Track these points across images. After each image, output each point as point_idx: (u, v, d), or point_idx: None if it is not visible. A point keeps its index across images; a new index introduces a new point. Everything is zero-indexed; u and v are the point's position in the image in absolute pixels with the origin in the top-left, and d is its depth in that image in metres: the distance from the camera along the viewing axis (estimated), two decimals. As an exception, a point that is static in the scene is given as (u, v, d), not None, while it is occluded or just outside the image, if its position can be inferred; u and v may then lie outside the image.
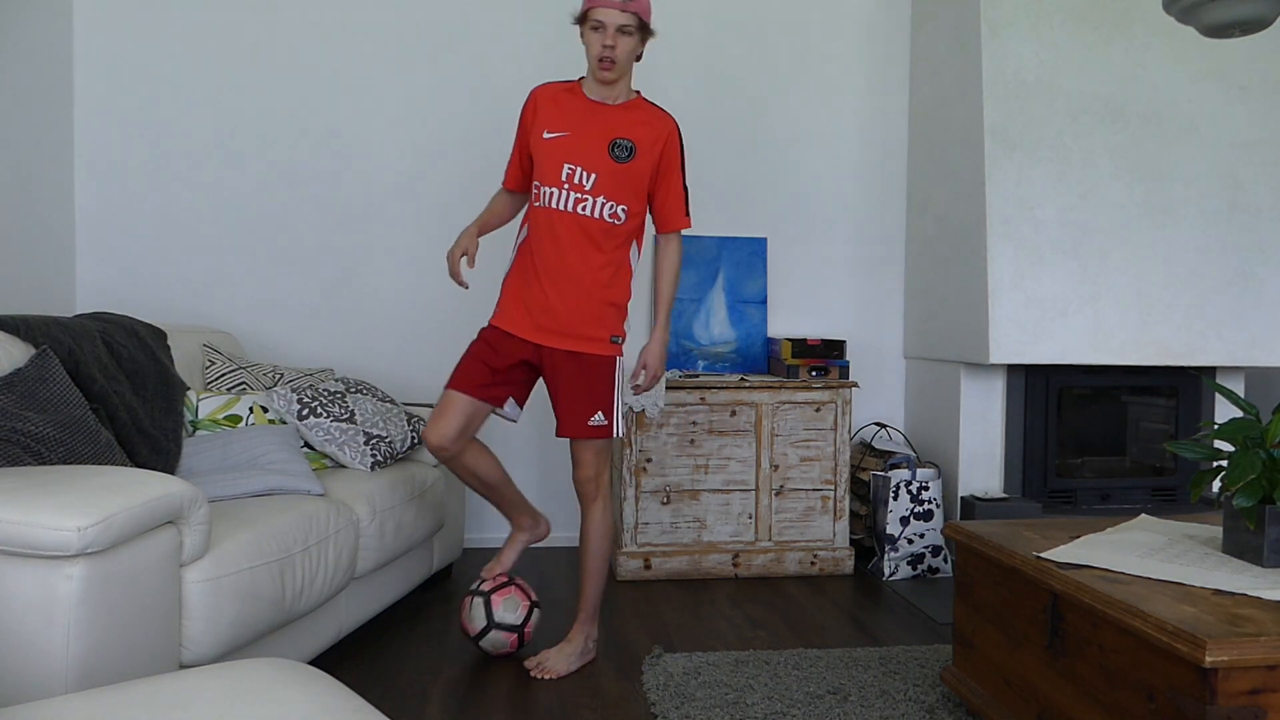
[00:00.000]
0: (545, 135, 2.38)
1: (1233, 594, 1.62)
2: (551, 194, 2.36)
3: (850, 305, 3.98)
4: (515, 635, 2.50)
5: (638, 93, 2.50)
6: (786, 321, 3.94)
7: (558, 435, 2.44)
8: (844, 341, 3.52)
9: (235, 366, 2.99)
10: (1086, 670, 1.70)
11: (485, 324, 2.50)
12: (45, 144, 3.41)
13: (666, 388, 3.31)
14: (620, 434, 2.49)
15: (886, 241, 4.00)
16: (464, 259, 2.48)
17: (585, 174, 2.34)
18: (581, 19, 2.39)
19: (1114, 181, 3.40)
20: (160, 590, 1.71)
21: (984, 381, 3.55)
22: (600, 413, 2.41)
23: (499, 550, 2.66)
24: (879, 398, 4.01)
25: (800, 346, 3.49)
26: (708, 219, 3.88)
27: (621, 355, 2.47)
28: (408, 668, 2.45)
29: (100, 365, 2.28)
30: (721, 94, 3.87)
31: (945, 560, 3.38)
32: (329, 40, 3.67)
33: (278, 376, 3.06)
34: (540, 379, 2.51)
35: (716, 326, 3.79)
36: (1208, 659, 1.37)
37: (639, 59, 2.45)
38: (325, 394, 2.84)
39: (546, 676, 2.39)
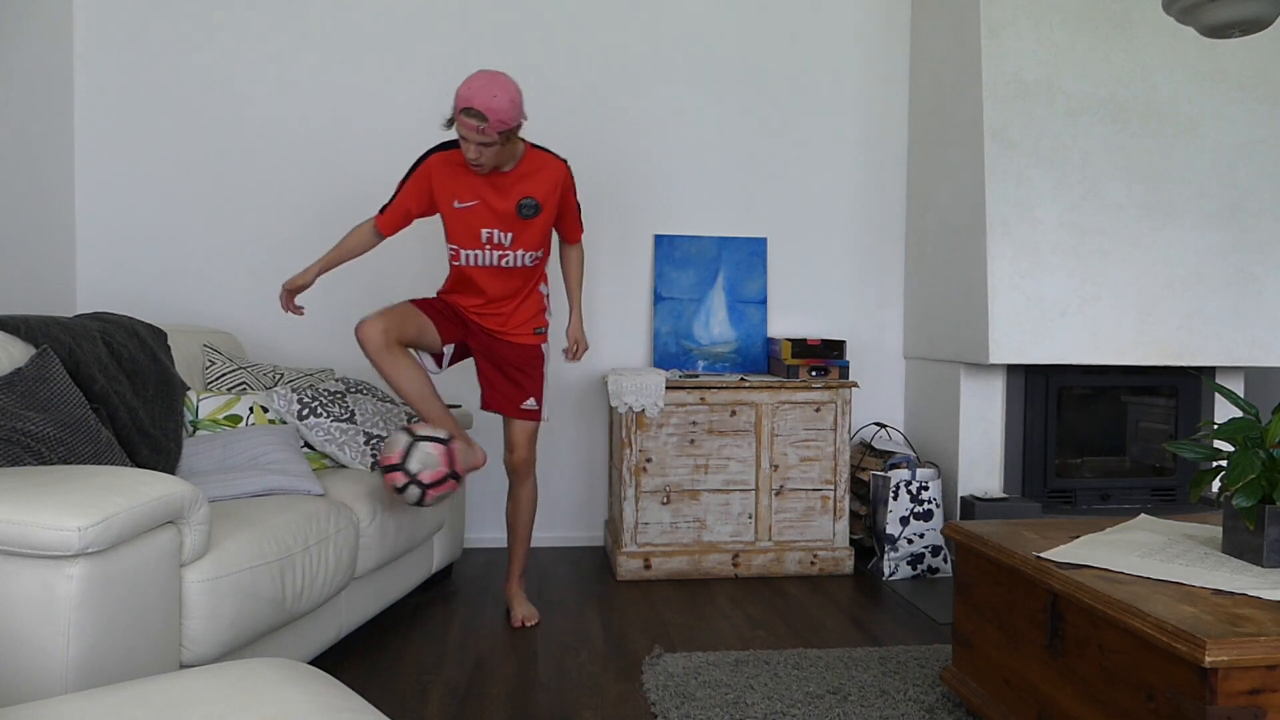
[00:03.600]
0: (457, 205, 2.60)
1: (1233, 594, 1.62)
2: (473, 255, 2.65)
3: (850, 305, 3.98)
4: (444, 447, 2.45)
5: (525, 144, 2.62)
6: (786, 321, 3.94)
7: (483, 408, 2.78)
8: (844, 341, 3.52)
9: (235, 366, 2.99)
10: (1086, 670, 1.70)
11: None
12: (45, 144, 3.42)
13: (666, 387, 3.31)
14: (547, 418, 2.84)
15: (886, 242, 4.00)
16: (296, 297, 2.74)
17: (502, 234, 2.63)
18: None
19: (1114, 181, 3.40)
20: (160, 590, 1.71)
21: (984, 381, 3.55)
22: (532, 398, 2.76)
23: None
24: (879, 398, 4.01)
25: (800, 346, 3.49)
26: (708, 219, 3.89)
27: (546, 342, 2.82)
28: (408, 668, 2.45)
29: (100, 365, 2.28)
30: (722, 94, 3.87)
31: (945, 560, 3.39)
32: (330, 40, 3.67)
33: (278, 376, 3.06)
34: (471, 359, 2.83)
35: (716, 326, 3.79)
36: (1207, 659, 1.37)
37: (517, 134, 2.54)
38: (325, 394, 2.84)
39: (532, 622, 2.79)
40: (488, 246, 2.63)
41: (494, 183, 2.59)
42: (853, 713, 2.14)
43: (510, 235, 2.62)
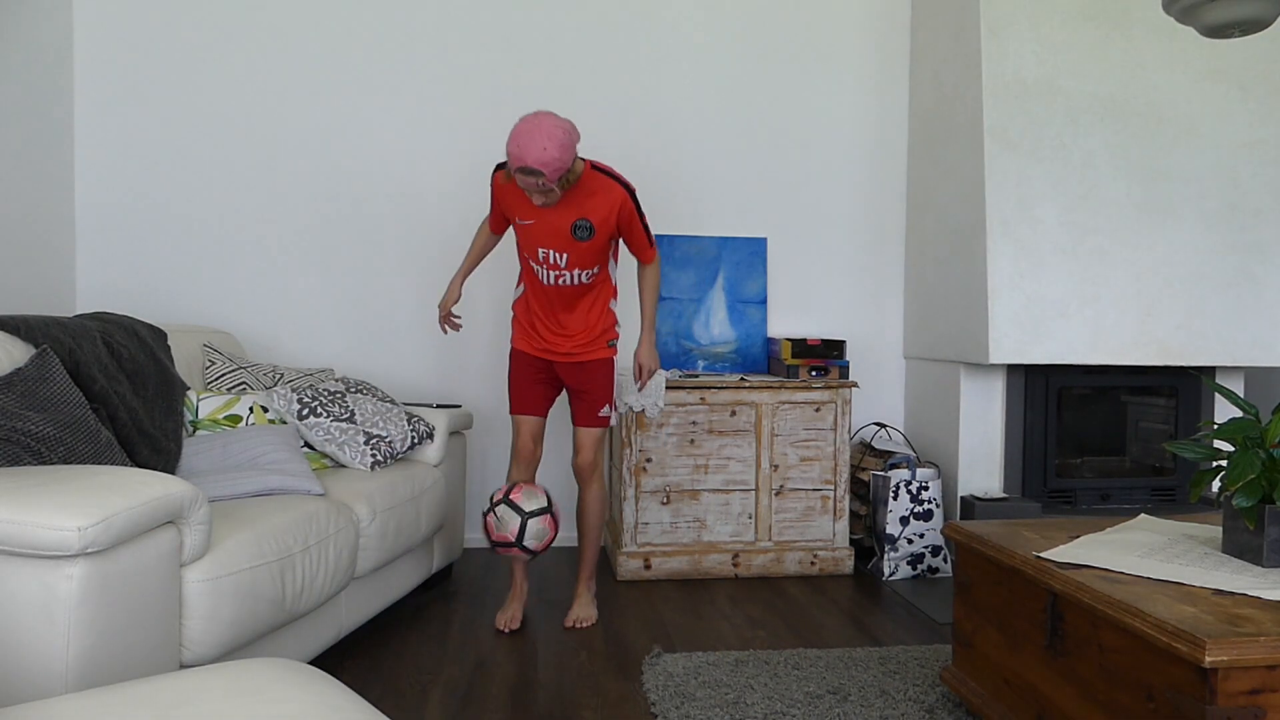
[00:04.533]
0: (519, 221, 2.69)
1: (1233, 594, 1.62)
2: (535, 268, 2.74)
3: (850, 305, 3.98)
4: (549, 515, 2.68)
5: (586, 163, 2.64)
6: (786, 321, 3.94)
7: (575, 425, 2.85)
8: (844, 341, 3.52)
9: (235, 366, 2.99)
10: (1086, 670, 1.70)
11: (500, 342, 2.96)
12: (45, 144, 3.41)
13: (666, 387, 3.31)
14: (614, 423, 2.96)
15: (886, 241, 4.00)
16: (452, 314, 2.92)
17: (557, 254, 2.67)
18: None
19: (1114, 181, 3.40)
20: (160, 590, 1.71)
21: (984, 381, 3.55)
22: (606, 405, 2.85)
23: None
24: (879, 398, 4.01)
25: (800, 346, 3.49)
26: (708, 219, 3.89)
27: (616, 355, 2.87)
28: (408, 668, 2.45)
29: (100, 365, 2.28)
30: (722, 94, 3.87)
31: (945, 560, 3.38)
32: (332, 40, 3.67)
33: (278, 376, 3.06)
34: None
35: (716, 326, 3.79)
36: (1207, 659, 1.37)
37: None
38: (325, 394, 2.84)
39: (586, 624, 2.80)
40: (545, 266, 2.70)
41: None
42: (853, 713, 2.14)
43: (565, 256, 2.66)
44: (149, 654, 1.68)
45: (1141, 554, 1.88)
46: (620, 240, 2.78)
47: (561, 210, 2.61)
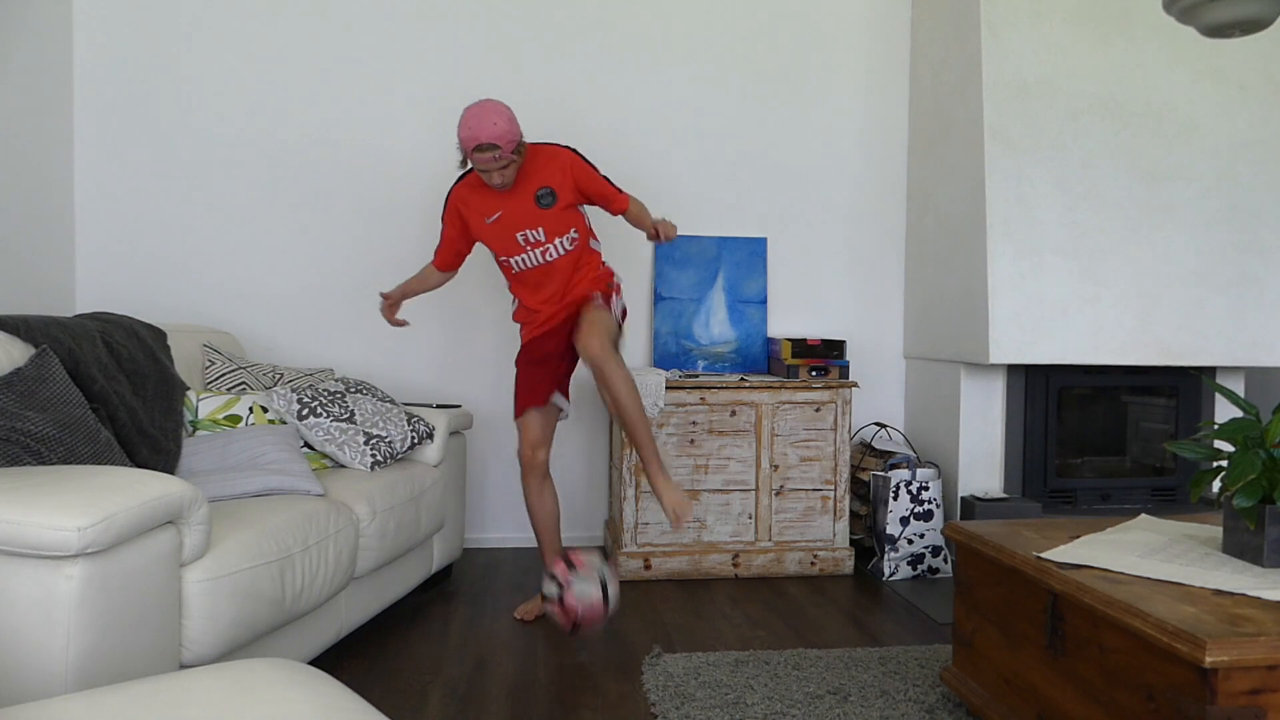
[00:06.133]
0: (487, 220, 2.75)
1: (1233, 594, 1.62)
2: (521, 259, 2.77)
3: (850, 305, 3.98)
4: (609, 557, 2.79)
5: (526, 143, 2.72)
6: (786, 321, 3.94)
7: (576, 343, 2.71)
8: (844, 341, 3.52)
9: (235, 366, 2.99)
10: (1086, 670, 1.70)
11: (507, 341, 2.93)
12: (45, 144, 3.41)
13: (666, 387, 3.31)
14: (616, 318, 2.81)
15: (886, 241, 4.00)
16: (393, 310, 2.99)
17: (533, 231, 2.74)
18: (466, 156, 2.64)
19: (1114, 181, 3.40)
20: (160, 590, 1.71)
21: (984, 381, 3.55)
22: (598, 294, 2.80)
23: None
24: (879, 398, 4.01)
25: (800, 346, 3.49)
26: (708, 219, 3.89)
27: (616, 294, 2.86)
28: (408, 668, 2.45)
29: (100, 365, 2.28)
30: (722, 94, 3.87)
31: (945, 560, 3.38)
32: (331, 39, 3.67)
33: (278, 376, 3.06)
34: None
35: (716, 326, 3.79)
36: (1208, 659, 1.37)
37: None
38: (325, 394, 2.84)
39: (685, 514, 2.62)
40: (528, 247, 2.75)
41: (506, 188, 2.71)
42: (853, 713, 2.14)
43: (541, 229, 2.73)
44: (149, 654, 1.68)
45: (1142, 554, 1.88)
46: (587, 211, 2.85)
47: (521, 190, 2.71)
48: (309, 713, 1.13)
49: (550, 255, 2.77)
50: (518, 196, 2.72)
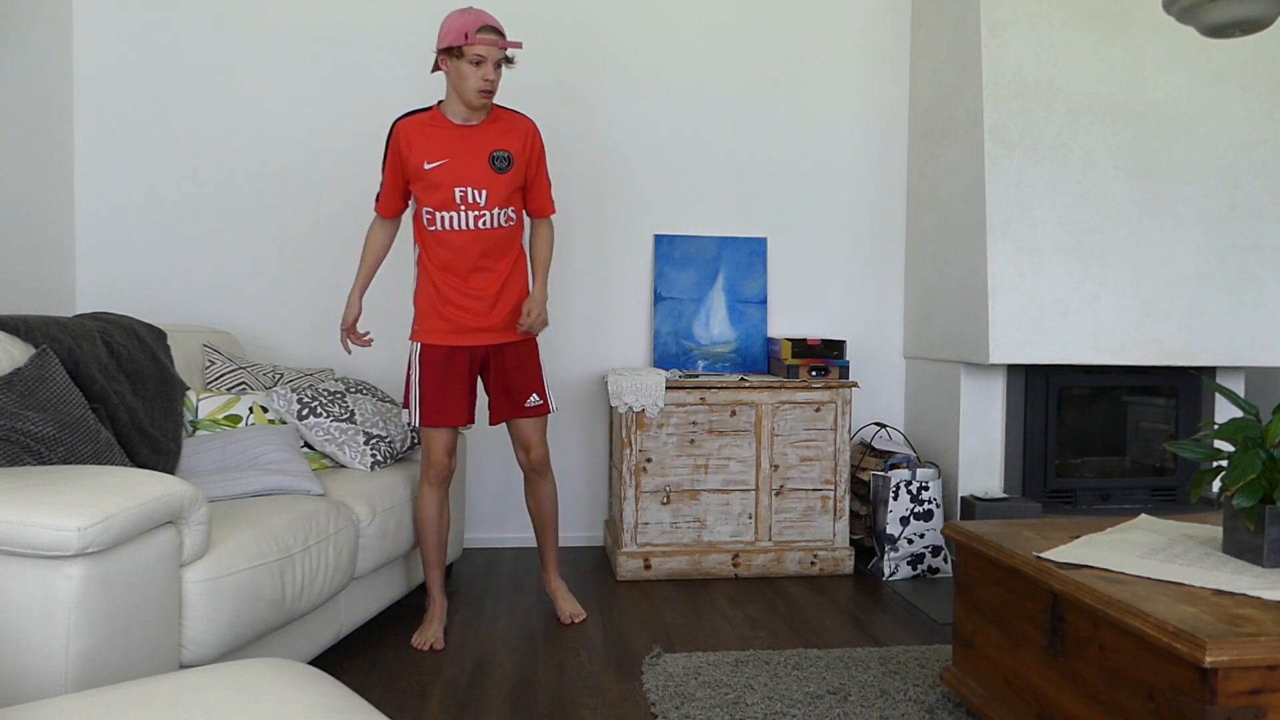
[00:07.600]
0: (426, 166, 2.54)
1: (1233, 594, 1.62)
2: (448, 217, 2.56)
3: (850, 305, 3.98)
4: None
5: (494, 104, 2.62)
6: (786, 321, 3.94)
7: (492, 423, 2.72)
8: (844, 341, 3.52)
9: (235, 366, 2.99)
10: (1086, 670, 1.70)
11: (410, 342, 2.69)
12: (45, 144, 3.41)
13: (666, 387, 3.31)
14: (554, 408, 2.79)
15: (886, 241, 4.00)
16: (356, 329, 2.75)
17: (476, 192, 2.55)
18: (452, 52, 2.45)
19: (1114, 181, 3.40)
20: (160, 590, 1.71)
21: (984, 381, 3.55)
22: (534, 394, 2.71)
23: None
24: (879, 398, 4.01)
25: (800, 346, 3.49)
26: (708, 219, 3.89)
27: (537, 335, 2.74)
28: (408, 668, 2.45)
29: (100, 365, 2.28)
30: (721, 94, 3.87)
31: (945, 560, 3.38)
32: (330, 40, 3.67)
33: (278, 376, 3.06)
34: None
35: (716, 326, 3.79)
36: (1208, 659, 1.37)
37: None
38: (325, 394, 2.84)
39: (580, 618, 2.82)
40: (462, 206, 2.54)
41: (464, 136, 2.55)
42: (853, 713, 2.14)
43: (485, 193, 2.54)
44: (149, 654, 1.68)
45: (1142, 554, 1.88)
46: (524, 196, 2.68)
47: (475, 144, 2.54)
48: (309, 713, 1.13)
49: (484, 223, 2.56)
50: (470, 150, 2.53)
